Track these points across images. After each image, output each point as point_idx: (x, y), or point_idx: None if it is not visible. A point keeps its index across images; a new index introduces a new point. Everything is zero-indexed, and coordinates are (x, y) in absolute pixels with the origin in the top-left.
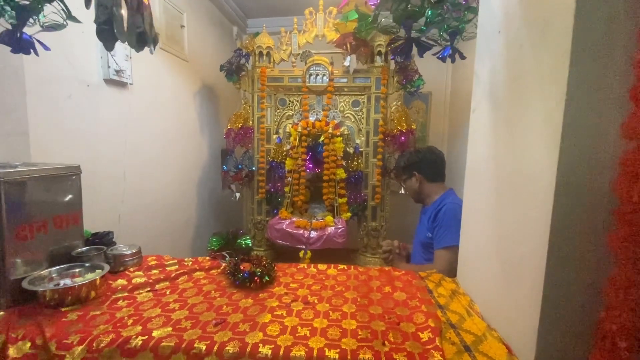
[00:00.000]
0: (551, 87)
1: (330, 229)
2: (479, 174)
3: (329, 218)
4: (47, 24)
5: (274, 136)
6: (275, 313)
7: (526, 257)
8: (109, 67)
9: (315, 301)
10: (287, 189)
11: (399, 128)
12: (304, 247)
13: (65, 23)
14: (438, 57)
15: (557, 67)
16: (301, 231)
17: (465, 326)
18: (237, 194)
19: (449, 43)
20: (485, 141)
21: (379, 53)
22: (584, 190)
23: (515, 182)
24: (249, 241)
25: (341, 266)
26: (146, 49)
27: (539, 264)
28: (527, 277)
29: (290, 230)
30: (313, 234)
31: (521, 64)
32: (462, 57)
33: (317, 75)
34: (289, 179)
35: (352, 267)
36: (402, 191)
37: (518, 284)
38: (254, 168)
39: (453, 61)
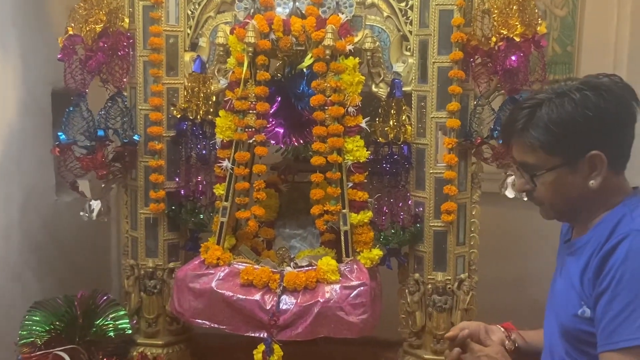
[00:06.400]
0: None
1: (331, 291)
2: None
3: (329, 263)
4: None
5: (187, 56)
6: None
7: None
8: None
9: None
10: (219, 189)
11: (504, 32)
12: (263, 334)
13: None
14: None
15: None
16: (257, 296)
17: None
18: (95, 204)
19: None
20: None
21: None
22: None
23: None
24: (125, 322)
25: None
26: None
27: None
28: None
29: (229, 293)
30: (287, 302)
31: None
32: None
33: None
34: (226, 164)
35: None
36: (519, 193)
37: None
38: (136, 138)
39: None
